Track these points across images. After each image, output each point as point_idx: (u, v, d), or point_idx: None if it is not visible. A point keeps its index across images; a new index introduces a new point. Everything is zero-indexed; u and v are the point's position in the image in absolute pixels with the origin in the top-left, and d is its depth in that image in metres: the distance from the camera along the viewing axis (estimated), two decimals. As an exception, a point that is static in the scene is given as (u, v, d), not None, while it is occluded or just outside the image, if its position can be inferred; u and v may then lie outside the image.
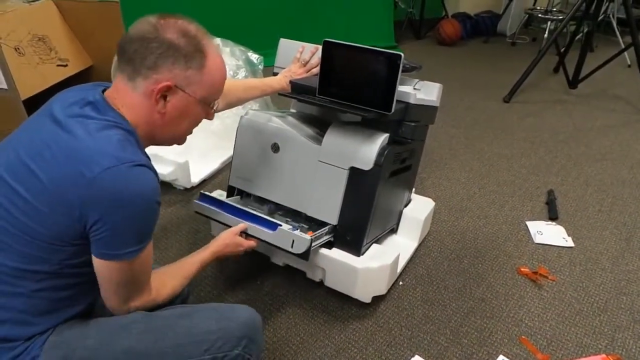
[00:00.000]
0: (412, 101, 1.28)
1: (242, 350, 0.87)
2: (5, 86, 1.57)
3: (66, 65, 1.86)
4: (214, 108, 0.92)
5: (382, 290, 1.37)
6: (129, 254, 0.78)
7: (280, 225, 1.18)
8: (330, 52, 1.20)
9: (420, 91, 1.35)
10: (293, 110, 1.52)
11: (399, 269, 1.47)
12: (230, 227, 1.20)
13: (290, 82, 1.31)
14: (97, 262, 0.79)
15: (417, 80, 1.40)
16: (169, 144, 0.93)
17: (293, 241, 1.18)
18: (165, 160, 1.86)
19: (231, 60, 2.15)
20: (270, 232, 1.19)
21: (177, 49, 0.80)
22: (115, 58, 1.88)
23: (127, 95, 0.83)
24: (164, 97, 0.83)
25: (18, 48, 1.68)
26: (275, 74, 1.49)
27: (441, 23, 3.88)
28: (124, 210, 0.75)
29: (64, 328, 0.82)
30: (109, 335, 0.83)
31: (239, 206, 1.27)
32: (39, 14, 1.81)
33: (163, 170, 1.84)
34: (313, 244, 1.19)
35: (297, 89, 1.30)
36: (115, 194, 0.73)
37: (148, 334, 0.84)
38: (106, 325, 0.85)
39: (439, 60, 3.67)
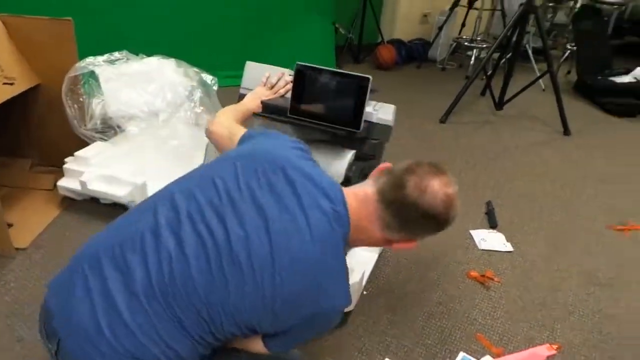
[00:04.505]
0: (374, 120, 1.40)
1: None
2: (-51, 105, 1.49)
3: (12, 84, 1.78)
4: None
5: (351, 307, 1.44)
6: None
7: None
8: (302, 74, 1.28)
9: (379, 111, 1.47)
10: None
11: (364, 282, 1.55)
12: None
13: (262, 102, 1.37)
14: None
15: (375, 102, 1.52)
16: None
17: None
18: (121, 181, 1.83)
19: (186, 80, 2.16)
20: None
21: (439, 224, 0.93)
22: (68, 76, 1.85)
23: (372, 232, 0.93)
24: None
25: (-40, 66, 1.60)
26: (241, 95, 1.55)
27: (378, 48, 4.12)
28: None
29: None
30: None
31: None
32: (-17, 31, 1.74)
33: (119, 191, 1.81)
34: None
35: (269, 109, 1.36)
36: None
37: None
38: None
39: (378, 83, 3.85)
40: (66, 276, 0.88)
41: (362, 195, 0.92)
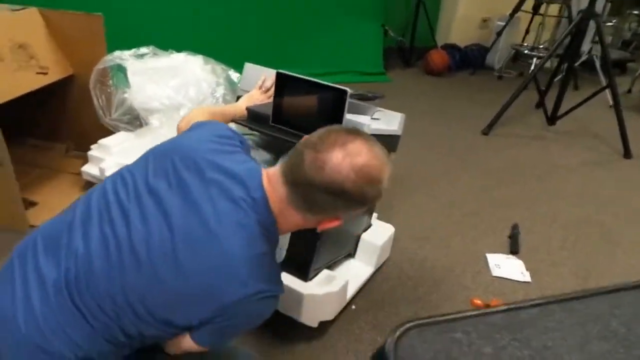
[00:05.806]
0: (366, 131, 1.31)
1: None
2: (-20, 90, 1.61)
3: (46, 73, 1.90)
4: None
5: (329, 316, 1.38)
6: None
7: None
8: (282, 83, 1.24)
9: (379, 121, 1.39)
10: (256, 133, 1.55)
11: (350, 294, 1.48)
12: None
13: (247, 108, 1.34)
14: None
15: (378, 109, 1.44)
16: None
17: None
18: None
19: (211, 77, 2.19)
20: None
21: (355, 200, 0.84)
22: (96, 68, 1.94)
23: (291, 215, 0.88)
24: None
25: (-2, 53, 1.72)
26: (239, 96, 1.53)
27: (430, 53, 3.96)
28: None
29: None
30: None
31: None
32: (23, 22, 1.86)
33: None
34: None
35: (253, 116, 1.33)
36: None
37: None
38: None
39: (425, 89, 3.73)
40: (3, 265, 0.92)
41: (272, 177, 0.87)
